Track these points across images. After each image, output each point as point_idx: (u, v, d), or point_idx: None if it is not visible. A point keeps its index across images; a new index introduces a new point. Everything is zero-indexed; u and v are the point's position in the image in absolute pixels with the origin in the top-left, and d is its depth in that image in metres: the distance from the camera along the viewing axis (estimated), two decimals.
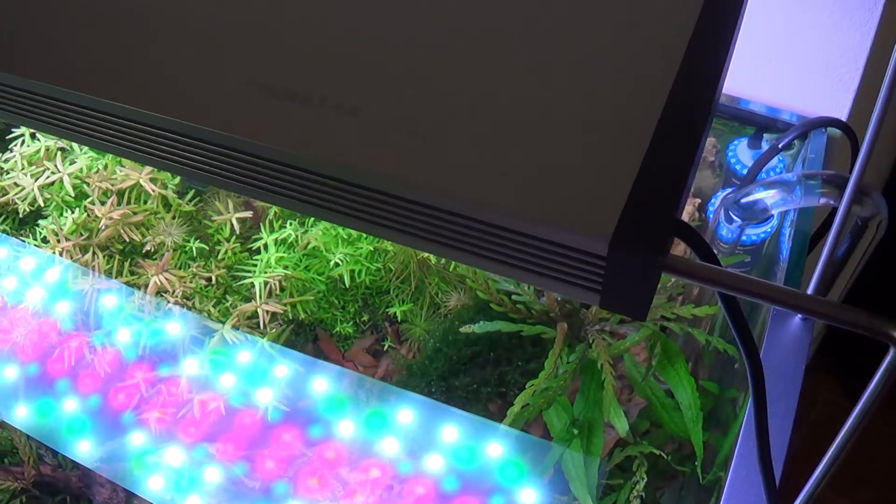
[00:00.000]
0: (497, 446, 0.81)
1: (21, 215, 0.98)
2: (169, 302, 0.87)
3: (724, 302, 0.36)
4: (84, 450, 0.88)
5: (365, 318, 0.94)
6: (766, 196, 0.74)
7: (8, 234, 1.02)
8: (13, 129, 1.03)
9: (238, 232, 0.93)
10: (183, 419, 0.88)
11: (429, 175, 0.35)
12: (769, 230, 0.79)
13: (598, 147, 0.34)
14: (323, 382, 0.87)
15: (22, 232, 1.02)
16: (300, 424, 0.87)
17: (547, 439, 0.82)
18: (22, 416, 0.90)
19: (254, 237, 0.94)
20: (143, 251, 0.92)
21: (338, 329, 0.93)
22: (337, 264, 0.87)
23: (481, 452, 0.81)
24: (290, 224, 0.91)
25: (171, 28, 0.45)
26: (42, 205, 0.95)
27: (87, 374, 0.92)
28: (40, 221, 0.97)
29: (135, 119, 0.42)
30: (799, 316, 0.69)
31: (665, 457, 0.80)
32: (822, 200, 0.72)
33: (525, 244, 0.33)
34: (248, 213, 0.94)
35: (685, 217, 0.83)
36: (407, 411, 0.85)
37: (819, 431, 1.48)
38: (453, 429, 0.83)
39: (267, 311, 0.86)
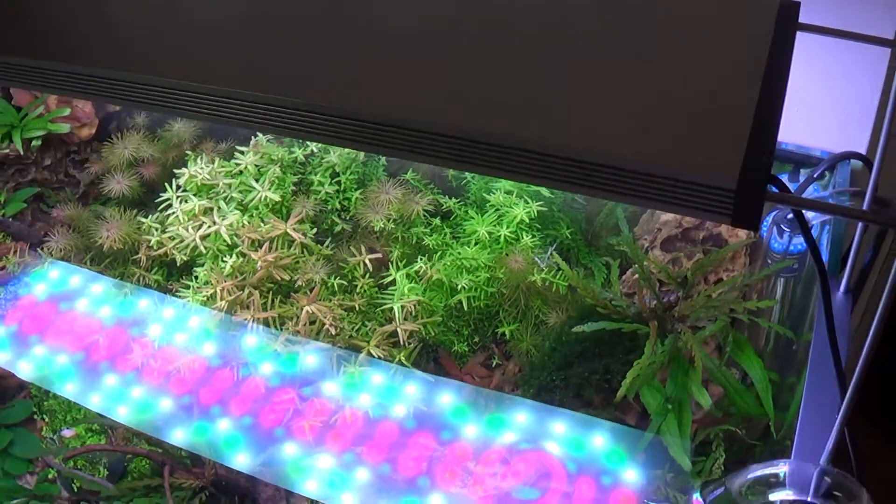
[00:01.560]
0: (600, 437, 1.09)
1: (178, 264, 1.28)
2: (325, 325, 1.15)
3: (796, 216, 0.66)
4: (243, 459, 1.14)
5: (476, 339, 1.23)
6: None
7: (161, 283, 1.31)
8: (160, 193, 1.33)
9: (370, 270, 1.22)
10: (332, 428, 1.15)
11: (617, 145, 0.65)
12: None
13: (723, 125, 0.64)
14: (449, 392, 1.15)
15: (171, 282, 1.31)
16: (432, 428, 1.14)
17: (642, 423, 1.10)
18: (192, 434, 1.17)
19: (380, 275, 1.23)
20: (296, 286, 1.21)
21: (455, 348, 1.21)
22: (464, 288, 1.16)
23: (587, 442, 1.08)
24: (421, 259, 1.20)
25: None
26: (203, 251, 1.24)
27: (246, 392, 1.19)
28: (196, 269, 1.27)
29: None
30: (841, 291, 0.98)
31: (740, 432, 1.07)
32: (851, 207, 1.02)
33: (682, 186, 0.62)
34: (378, 255, 1.23)
35: (741, 234, 1.13)
36: (521, 413, 1.13)
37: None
38: (561, 424, 1.11)
39: (405, 330, 1.15)
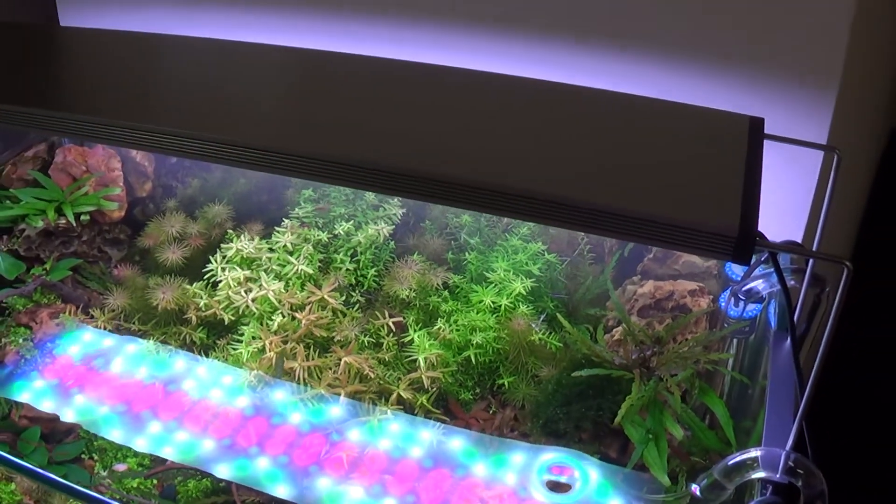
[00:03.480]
0: (591, 472, 1.38)
1: (226, 324, 1.55)
2: (363, 371, 1.44)
3: (771, 257, 0.99)
4: (283, 490, 1.39)
5: (478, 390, 1.52)
6: (758, 283, 1.39)
7: (204, 341, 1.57)
8: (207, 264, 1.61)
9: (393, 330, 1.52)
10: (361, 462, 1.42)
11: (639, 203, 0.97)
12: (758, 308, 1.43)
13: (725, 195, 0.97)
14: (459, 436, 1.43)
15: (211, 339, 1.58)
16: (447, 465, 1.42)
17: (622, 456, 1.39)
18: (238, 469, 1.42)
19: (400, 336, 1.53)
20: (334, 341, 1.49)
21: (461, 397, 1.50)
22: (477, 344, 1.46)
23: (576, 477, 1.38)
24: (440, 320, 1.50)
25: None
26: (253, 312, 1.52)
27: (288, 432, 1.45)
28: (241, 327, 1.54)
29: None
30: (788, 342, 1.31)
31: (703, 462, 1.38)
32: (792, 283, 1.36)
33: (699, 236, 0.95)
34: (399, 319, 1.53)
35: (702, 304, 1.47)
36: (519, 454, 1.42)
37: None
38: (554, 460, 1.40)
39: (428, 377, 1.44)
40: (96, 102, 1.31)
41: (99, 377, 1.56)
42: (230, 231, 1.68)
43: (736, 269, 1.52)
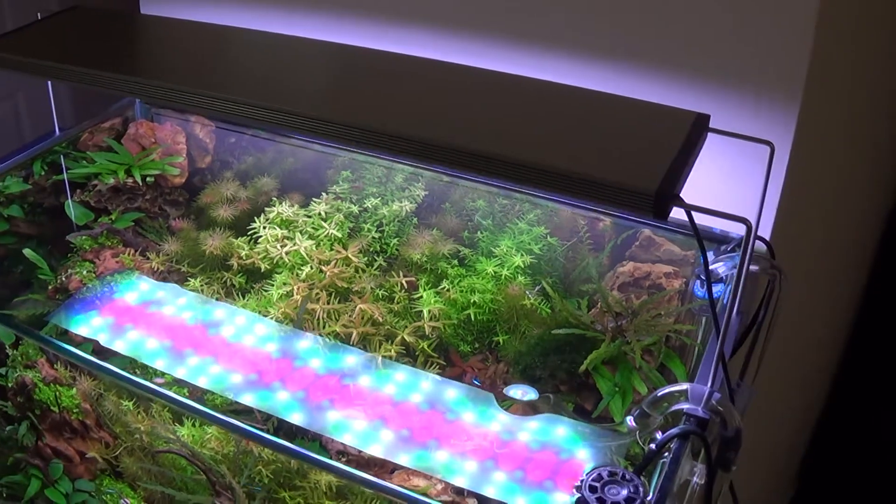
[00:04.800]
0: (562, 427, 1.67)
1: (262, 272, 1.88)
2: (373, 316, 1.75)
3: (688, 216, 1.28)
4: (298, 418, 1.70)
5: (476, 345, 1.83)
6: (720, 266, 1.68)
7: (242, 285, 1.91)
8: (251, 223, 1.95)
9: (406, 288, 1.83)
10: (366, 400, 1.72)
11: (581, 166, 1.28)
12: (722, 289, 1.72)
13: (654, 162, 1.28)
14: (454, 387, 1.73)
15: (249, 285, 1.91)
16: (441, 409, 1.72)
17: (595, 408, 1.69)
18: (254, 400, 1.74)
19: (411, 294, 1.84)
20: (353, 292, 1.81)
21: (461, 349, 1.81)
22: (475, 303, 1.77)
23: (553, 429, 1.67)
24: (445, 281, 1.82)
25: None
26: (285, 263, 1.85)
27: (306, 372, 1.77)
28: (275, 275, 1.87)
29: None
30: (735, 313, 1.60)
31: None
32: (752, 268, 1.65)
33: (625, 193, 1.24)
34: (411, 279, 1.84)
35: (675, 285, 1.76)
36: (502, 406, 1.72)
37: None
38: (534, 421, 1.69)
39: (430, 327, 1.75)
40: (172, 72, 1.67)
41: (147, 313, 1.89)
42: (274, 199, 2.03)
43: (711, 259, 1.81)
